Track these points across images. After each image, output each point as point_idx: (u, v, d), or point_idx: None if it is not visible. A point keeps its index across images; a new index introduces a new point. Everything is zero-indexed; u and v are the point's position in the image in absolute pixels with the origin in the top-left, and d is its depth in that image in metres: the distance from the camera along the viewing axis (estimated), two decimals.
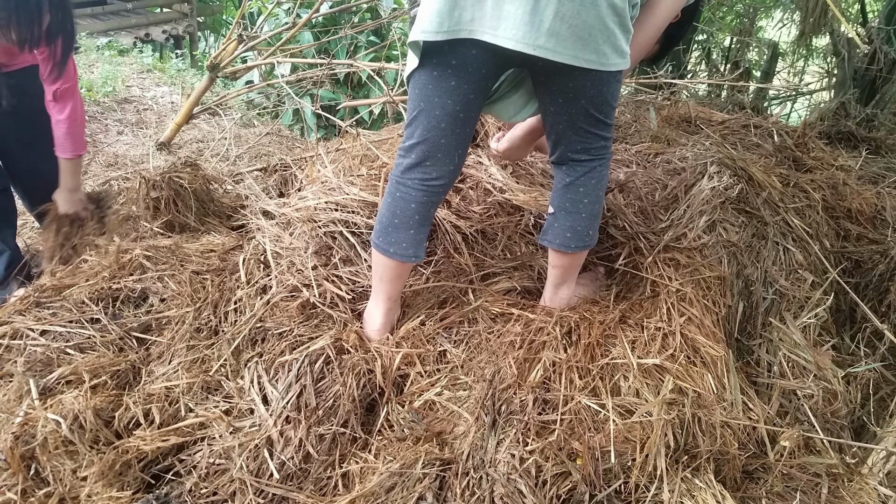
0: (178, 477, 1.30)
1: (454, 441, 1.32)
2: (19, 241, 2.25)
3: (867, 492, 1.37)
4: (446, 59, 1.30)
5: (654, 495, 1.22)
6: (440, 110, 1.34)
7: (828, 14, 3.76)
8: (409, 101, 1.40)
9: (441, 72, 1.31)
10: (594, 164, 1.46)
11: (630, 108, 2.81)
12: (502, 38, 1.23)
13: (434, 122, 1.36)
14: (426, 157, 1.40)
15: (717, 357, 1.46)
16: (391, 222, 1.45)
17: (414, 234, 1.46)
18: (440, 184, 1.44)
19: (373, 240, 1.49)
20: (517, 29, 1.21)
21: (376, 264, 1.51)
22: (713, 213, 1.81)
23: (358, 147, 2.20)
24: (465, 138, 1.42)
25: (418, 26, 1.29)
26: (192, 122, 3.61)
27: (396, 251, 1.45)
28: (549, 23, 1.21)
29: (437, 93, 1.33)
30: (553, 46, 1.23)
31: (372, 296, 1.56)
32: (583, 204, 1.48)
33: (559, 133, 1.45)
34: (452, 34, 1.25)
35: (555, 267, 1.58)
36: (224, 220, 2.08)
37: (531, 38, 1.22)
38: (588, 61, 1.26)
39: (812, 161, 2.33)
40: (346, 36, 3.93)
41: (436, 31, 1.25)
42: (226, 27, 8.92)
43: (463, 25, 1.25)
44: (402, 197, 1.44)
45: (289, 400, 1.35)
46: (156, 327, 1.60)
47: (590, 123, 1.40)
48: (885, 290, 1.90)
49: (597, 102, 1.37)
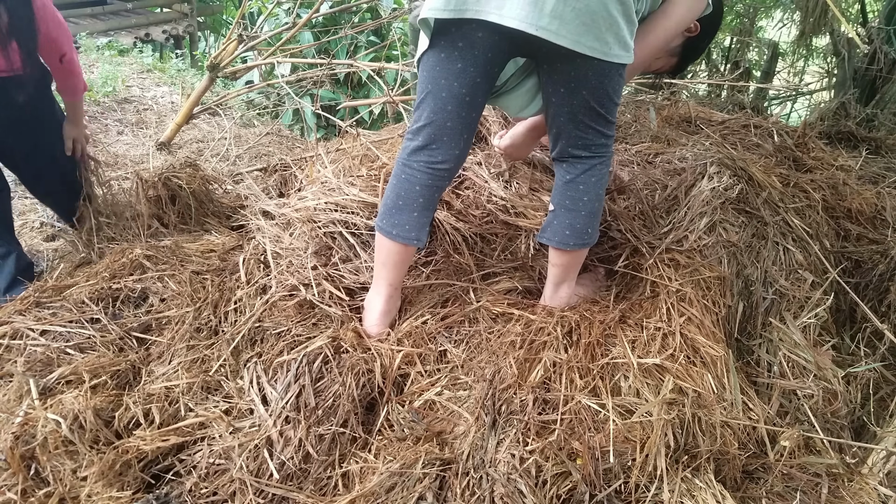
0: (178, 477, 1.30)
1: (454, 441, 1.32)
2: (23, 243, 2.25)
3: (867, 492, 1.37)
4: (453, 40, 1.33)
5: (654, 495, 1.22)
6: (447, 92, 1.37)
7: (828, 14, 3.77)
8: (419, 84, 1.42)
9: (448, 53, 1.35)
10: (594, 162, 1.47)
11: (630, 108, 2.81)
12: (507, 17, 1.26)
13: (440, 104, 1.38)
14: (432, 139, 1.42)
15: (717, 357, 1.46)
16: (395, 204, 1.47)
17: (417, 217, 1.47)
18: (445, 168, 1.45)
19: (376, 223, 1.51)
20: (521, 9, 1.25)
21: (379, 248, 1.52)
22: (713, 213, 1.81)
23: (358, 147, 2.20)
24: (471, 123, 1.44)
25: (427, 4, 1.32)
26: (192, 122, 3.61)
27: (399, 233, 1.46)
28: (552, 4, 1.23)
29: (444, 74, 1.36)
30: (556, 29, 1.25)
31: (373, 283, 1.57)
32: (583, 202, 1.49)
33: (560, 126, 1.46)
34: (459, 13, 1.28)
35: (554, 265, 1.58)
36: (224, 221, 2.08)
37: (534, 17, 1.24)
38: (590, 48, 1.28)
39: (812, 161, 2.33)
40: (347, 36, 3.93)
41: (442, 9, 1.29)
42: (226, 27, 8.92)
43: (469, 6, 1.28)
44: (406, 179, 1.45)
45: (288, 400, 1.35)
46: (156, 327, 1.60)
47: (591, 117, 1.41)
48: (885, 290, 1.90)
49: (598, 95, 1.38)
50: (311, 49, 4.03)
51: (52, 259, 2.29)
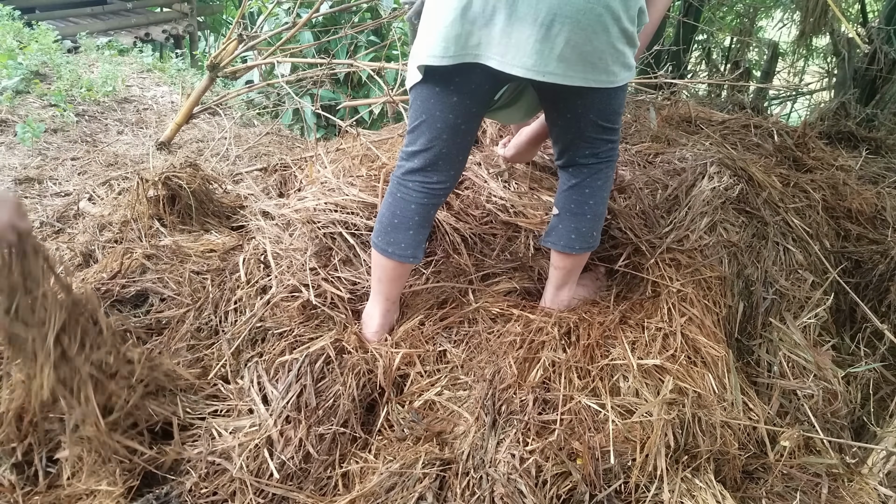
0: (179, 477, 1.30)
1: (454, 441, 1.32)
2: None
3: (867, 492, 1.37)
4: (449, 75, 1.29)
5: (654, 495, 1.22)
6: (442, 123, 1.34)
7: (828, 14, 3.76)
8: (411, 110, 1.39)
9: (443, 88, 1.31)
10: (600, 167, 1.46)
11: (630, 108, 2.81)
12: (510, 65, 1.21)
13: (436, 134, 1.36)
14: (428, 164, 1.40)
15: (718, 357, 1.46)
16: (391, 222, 1.45)
17: (413, 235, 1.45)
18: (442, 187, 1.44)
19: (372, 239, 1.49)
20: (528, 57, 1.19)
21: (375, 264, 1.51)
22: (714, 213, 1.81)
23: (358, 147, 2.20)
24: (466, 146, 1.43)
25: (423, 49, 1.27)
26: (192, 122, 3.60)
27: (395, 251, 1.45)
28: (560, 49, 1.18)
29: (440, 107, 1.33)
30: (563, 71, 1.21)
31: (371, 296, 1.56)
32: (588, 205, 1.48)
33: (567, 142, 1.45)
34: (458, 59, 1.24)
35: (557, 268, 1.57)
36: (224, 221, 2.08)
37: (541, 65, 1.20)
38: (598, 81, 1.25)
39: (812, 161, 2.33)
40: (346, 36, 3.93)
41: (441, 56, 1.24)
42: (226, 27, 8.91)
43: (469, 50, 1.23)
44: (402, 197, 1.44)
45: (289, 400, 1.35)
46: (156, 327, 1.60)
47: (597, 132, 1.41)
48: (885, 291, 1.90)
49: (605, 114, 1.37)
50: (311, 49, 4.03)
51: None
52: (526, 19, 1.17)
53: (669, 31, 4.67)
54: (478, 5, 1.19)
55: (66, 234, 2.40)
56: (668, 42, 4.28)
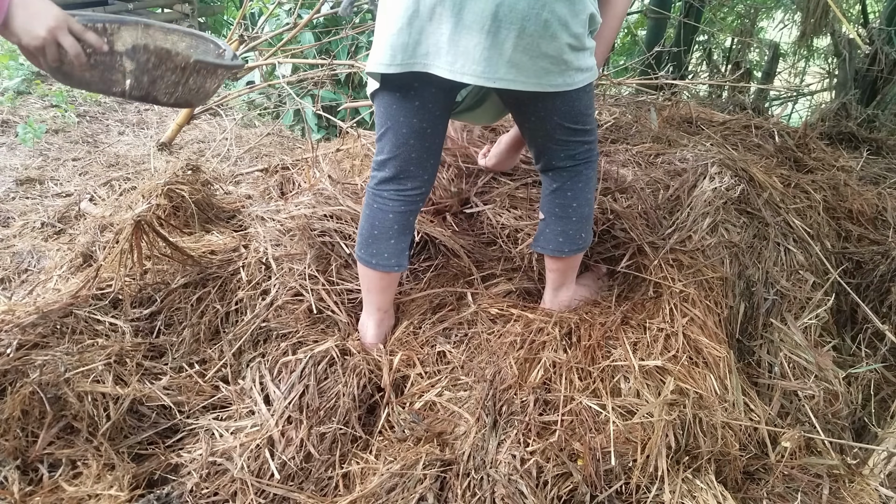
0: (180, 477, 1.30)
1: (455, 442, 1.32)
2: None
3: (868, 493, 1.37)
4: (408, 81, 1.29)
5: (655, 496, 1.22)
6: (407, 128, 1.34)
7: (829, 15, 3.76)
8: (376, 118, 1.39)
9: (403, 93, 1.31)
10: (579, 168, 1.45)
11: (631, 108, 2.81)
12: (459, 73, 1.21)
13: (402, 139, 1.36)
14: (399, 171, 1.40)
15: (719, 358, 1.46)
16: (371, 234, 1.45)
17: (395, 244, 1.45)
18: (417, 192, 1.44)
19: (356, 252, 1.49)
20: (476, 64, 1.19)
21: (362, 276, 1.51)
22: (715, 214, 1.80)
23: (358, 148, 2.20)
24: (436, 149, 1.42)
25: (373, 56, 1.28)
26: (193, 123, 3.61)
27: (379, 262, 1.45)
28: (508, 55, 1.18)
29: (403, 112, 1.33)
30: (514, 77, 1.21)
31: (364, 307, 1.57)
32: (572, 208, 1.47)
33: (539, 146, 1.45)
34: (407, 67, 1.24)
35: (552, 271, 1.57)
36: (225, 222, 2.08)
37: (490, 72, 1.20)
38: (553, 85, 1.24)
39: (813, 162, 2.33)
40: (348, 36, 3.93)
41: (388, 64, 1.24)
42: (227, 27, 8.92)
43: (418, 59, 1.23)
44: (379, 208, 1.44)
45: (291, 400, 1.35)
46: (156, 328, 1.60)
47: (567, 134, 1.40)
48: (886, 291, 1.90)
49: (571, 115, 1.36)
50: (312, 49, 4.03)
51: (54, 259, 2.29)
52: (473, 27, 1.17)
53: (670, 32, 4.67)
54: (424, 14, 1.19)
55: (68, 234, 2.40)
56: (668, 43, 4.27)
